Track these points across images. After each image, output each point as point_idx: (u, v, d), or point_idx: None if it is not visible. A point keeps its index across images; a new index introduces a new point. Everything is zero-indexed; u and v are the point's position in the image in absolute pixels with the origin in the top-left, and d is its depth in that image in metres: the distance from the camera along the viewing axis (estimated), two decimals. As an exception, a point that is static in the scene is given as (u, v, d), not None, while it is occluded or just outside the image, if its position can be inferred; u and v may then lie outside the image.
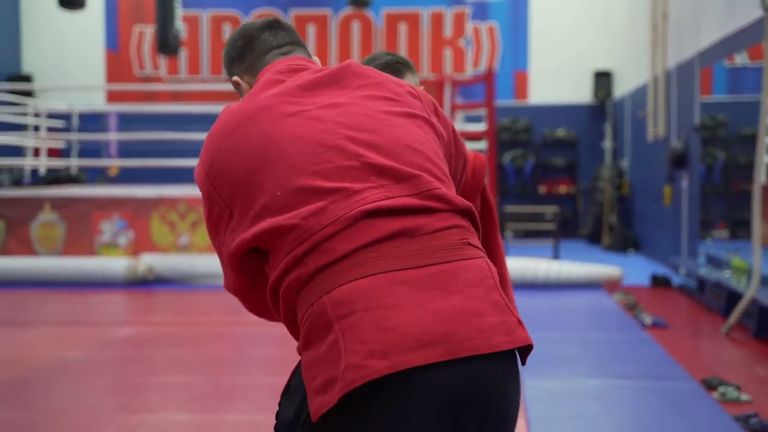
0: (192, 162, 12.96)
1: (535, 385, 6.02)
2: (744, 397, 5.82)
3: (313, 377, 2.06)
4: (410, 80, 2.85)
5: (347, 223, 2.09)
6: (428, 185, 2.19)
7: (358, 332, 2.00)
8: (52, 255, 11.75)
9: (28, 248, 11.83)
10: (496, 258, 2.88)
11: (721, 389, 5.92)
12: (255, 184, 2.20)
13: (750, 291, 7.92)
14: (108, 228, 11.81)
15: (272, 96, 2.30)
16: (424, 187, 2.17)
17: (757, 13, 8.31)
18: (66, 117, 16.26)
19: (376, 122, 2.25)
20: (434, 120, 2.40)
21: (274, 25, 2.59)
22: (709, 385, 6.04)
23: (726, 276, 9.02)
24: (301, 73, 2.41)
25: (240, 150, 2.24)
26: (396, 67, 2.85)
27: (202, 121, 13.93)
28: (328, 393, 2.00)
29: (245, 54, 2.55)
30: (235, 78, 2.57)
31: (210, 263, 11.37)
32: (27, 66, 18.15)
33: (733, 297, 8.40)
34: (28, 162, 15.12)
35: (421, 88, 2.63)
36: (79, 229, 11.84)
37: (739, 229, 10.22)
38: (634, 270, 12.35)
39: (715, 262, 10.16)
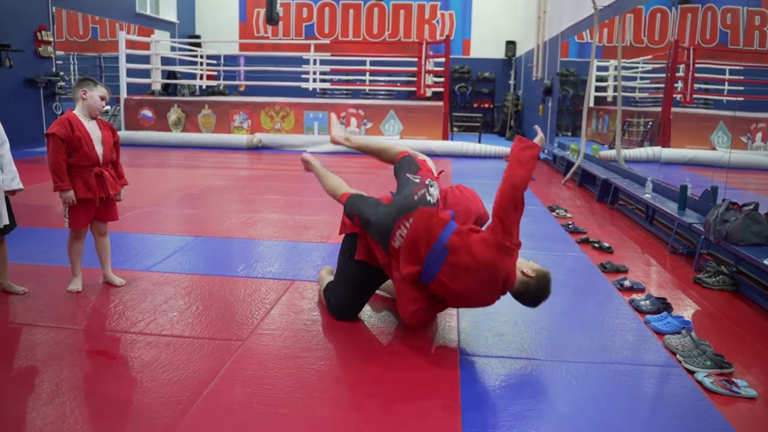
0: (282, 83, 12.84)
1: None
2: (569, 215, 5.91)
3: None
4: None
5: None
6: None
7: None
8: (209, 132, 11.74)
9: (196, 128, 11.80)
10: None
11: (557, 211, 6.01)
12: None
13: (578, 161, 7.97)
14: (238, 118, 11.74)
15: None
16: None
17: (591, 11, 8.08)
18: (217, 58, 16.06)
19: None
20: None
21: None
22: (551, 209, 6.12)
23: (567, 154, 9.00)
24: None
25: None
26: None
27: (288, 61, 13.69)
28: None
29: None
30: None
31: (289, 139, 11.38)
32: (198, 29, 17.67)
33: (570, 165, 8.41)
34: (197, 82, 14.88)
35: None
36: (223, 118, 11.76)
37: (576, 131, 10.13)
38: (520, 150, 12.26)
39: (562, 146, 10.11)
